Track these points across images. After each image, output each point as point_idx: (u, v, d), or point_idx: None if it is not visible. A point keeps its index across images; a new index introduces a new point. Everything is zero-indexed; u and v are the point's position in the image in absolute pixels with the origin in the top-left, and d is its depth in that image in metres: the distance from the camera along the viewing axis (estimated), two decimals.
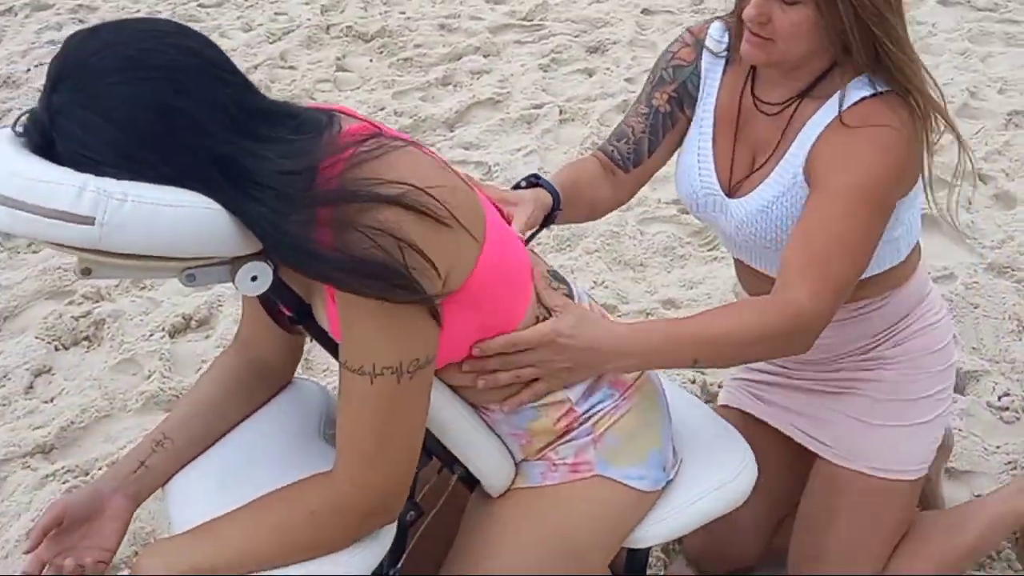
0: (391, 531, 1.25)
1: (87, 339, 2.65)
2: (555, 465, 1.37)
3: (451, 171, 1.20)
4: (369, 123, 1.19)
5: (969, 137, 3.33)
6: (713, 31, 1.62)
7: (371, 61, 4.24)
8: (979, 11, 4.45)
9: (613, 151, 1.68)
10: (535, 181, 1.55)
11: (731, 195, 1.59)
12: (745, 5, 1.43)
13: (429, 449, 1.33)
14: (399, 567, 1.39)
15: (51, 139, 1.05)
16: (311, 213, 1.08)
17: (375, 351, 1.12)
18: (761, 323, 1.35)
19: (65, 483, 2.17)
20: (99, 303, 2.77)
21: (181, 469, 1.35)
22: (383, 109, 3.78)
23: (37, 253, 3.00)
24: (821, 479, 1.74)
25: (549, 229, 1.64)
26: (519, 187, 1.55)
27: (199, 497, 1.30)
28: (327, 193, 1.09)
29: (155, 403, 2.40)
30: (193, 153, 1.05)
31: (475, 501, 1.43)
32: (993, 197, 3.16)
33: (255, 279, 1.12)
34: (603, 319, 1.38)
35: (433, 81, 4.03)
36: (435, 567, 1.43)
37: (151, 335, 2.63)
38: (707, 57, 1.62)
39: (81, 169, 1.02)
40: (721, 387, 2.10)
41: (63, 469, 2.21)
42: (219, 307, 2.74)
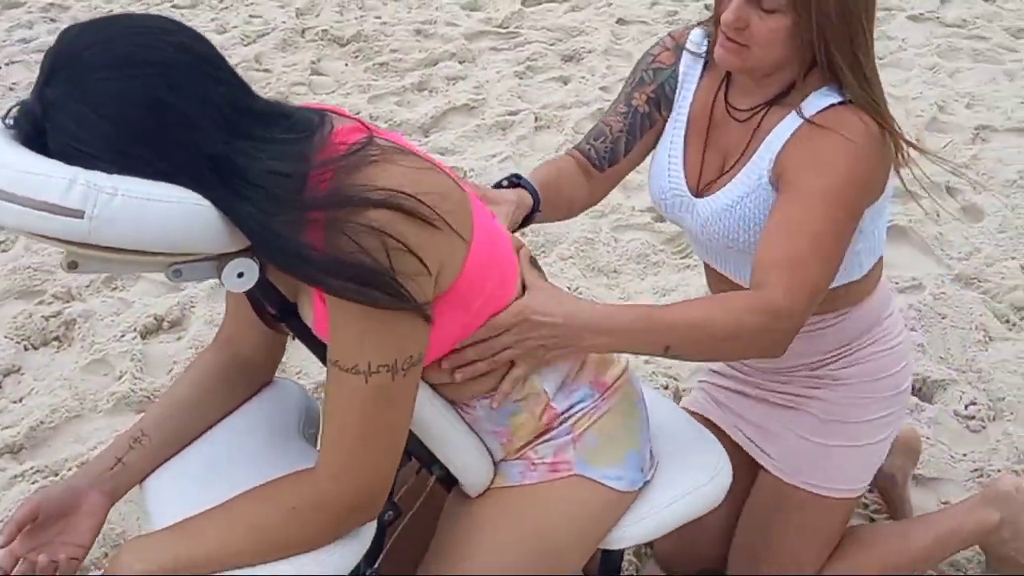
0: (371, 529, 1.25)
1: (57, 339, 2.62)
2: (534, 464, 1.37)
3: (440, 171, 1.20)
4: (360, 123, 1.20)
5: (937, 151, 3.39)
6: (694, 36, 1.64)
7: (346, 65, 4.24)
8: (948, 27, 4.52)
9: (590, 150, 1.69)
10: (516, 181, 1.56)
11: (699, 196, 1.61)
12: (723, 10, 1.44)
13: (409, 449, 1.33)
14: (376, 567, 1.39)
15: (43, 131, 1.04)
16: (300, 215, 1.08)
17: (369, 350, 1.12)
18: (736, 316, 1.35)
19: (34, 483, 2.15)
20: (70, 303, 2.74)
21: (159, 466, 1.34)
22: (358, 113, 3.77)
23: (7, 252, 2.96)
24: (763, 489, 1.77)
25: (523, 234, 1.65)
26: (500, 186, 1.56)
27: (177, 494, 1.30)
28: (317, 197, 1.09)
29: (126, 404, 2.38)
30: (184, 149, 1.05)
31: (453, 501, 1.43)
32: (961, 210, 3.21)
33: (241, 275, 1.12)
34: (578, 298, 1.37)
35: (409, 86, 4.03)
36: (412, 567, 1.43)
37: (122, 336, 2.60)
38: (686, 61, 1.64)
39: (72, 162, 1.02)
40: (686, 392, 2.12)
41: (32, 469, 2.18)
42: (191, 308, 2.72)
